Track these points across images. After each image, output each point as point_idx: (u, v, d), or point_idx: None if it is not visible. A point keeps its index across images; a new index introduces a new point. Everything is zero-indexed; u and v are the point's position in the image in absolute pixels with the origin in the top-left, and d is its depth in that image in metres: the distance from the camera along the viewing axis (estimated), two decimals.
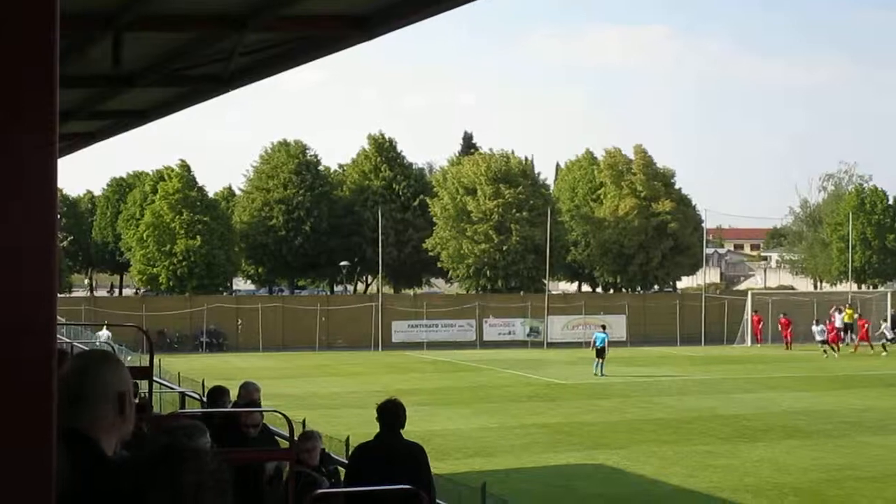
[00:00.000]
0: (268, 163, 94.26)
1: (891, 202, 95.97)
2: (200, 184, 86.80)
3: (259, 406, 14.42)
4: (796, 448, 32.00)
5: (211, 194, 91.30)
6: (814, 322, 70.37)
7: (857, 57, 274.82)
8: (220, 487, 3.08)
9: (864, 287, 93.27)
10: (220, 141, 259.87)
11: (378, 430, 11.98)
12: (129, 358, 45.66)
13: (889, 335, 70.08)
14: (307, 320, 74.48)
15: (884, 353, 67.49)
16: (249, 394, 14.84)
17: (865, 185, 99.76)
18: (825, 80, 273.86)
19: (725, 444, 32.92)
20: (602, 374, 53.54)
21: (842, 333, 71.72)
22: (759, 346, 73.53)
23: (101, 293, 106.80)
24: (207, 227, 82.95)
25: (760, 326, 75.60)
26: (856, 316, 74.11)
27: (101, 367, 4.21)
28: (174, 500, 2.97)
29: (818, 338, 68.13)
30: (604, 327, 58.65)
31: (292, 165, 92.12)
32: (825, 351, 66.21)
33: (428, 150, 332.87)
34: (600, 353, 54.63)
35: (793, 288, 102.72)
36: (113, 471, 3.16)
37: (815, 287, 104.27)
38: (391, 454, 11.64)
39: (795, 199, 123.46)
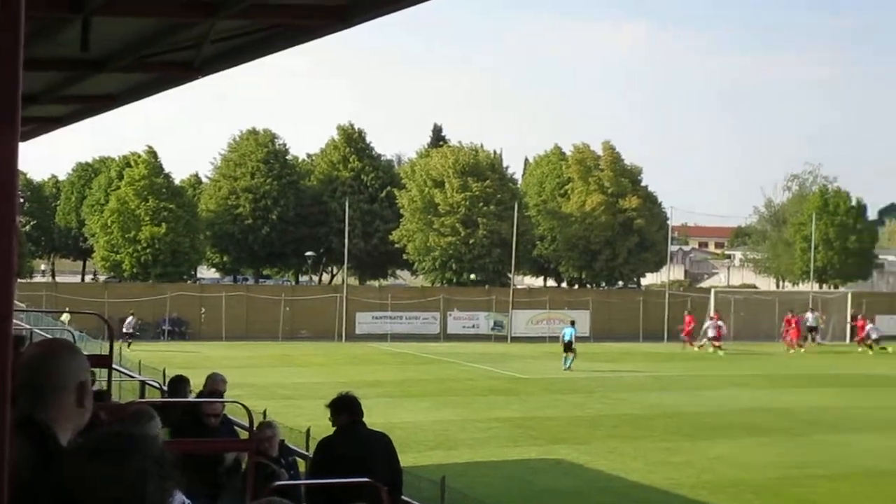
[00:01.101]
0: (236, 151, 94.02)
1: (854, 204, 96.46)
2: (167, 171, 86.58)
3: (222, 397, 14.35)
4: (755, 445, 32.16)
5: (177, 181, 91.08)
6: (708, 317, 71.05)
7: (827, 59, 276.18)
8: (164, 473, 3.07)
9: (825, 287, 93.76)
10: (188, 128, 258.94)
11: (334, 424, 11.84)
12: (88, 345, 45.44)
13: (874, 335, 70.25)
14: (271, 310, 74.25)
15: (870, 352, 68.48)
16: (215, 384, 14.78)
17: (830, 186, 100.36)
18: (793, 81, 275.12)
19: (685, 440, 33.05)
20: (568, 369, 53.74)
21: (809, 334, 72.72)
22: (690, 347, 70.91)
23: (65, 279, 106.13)
24: (173, 214, 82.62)
25: (691, 328, 73.69)
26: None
27: (62, 357, 4.18)
28: (117, 487, 2.95)
29: (710, 333, 69.15)
30: (573, 323, 59.17)
31: (261, 154, 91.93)
32: (700, 347, 68.30)
33: (397, 141, 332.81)
34: (568, 347, 54.89)
35: (755, 286, 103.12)
36: (61, 459, 3.14)
37: (778, 286, 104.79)
38: (365, 444, 11.55)
39: (760, 199, 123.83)
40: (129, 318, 65.50)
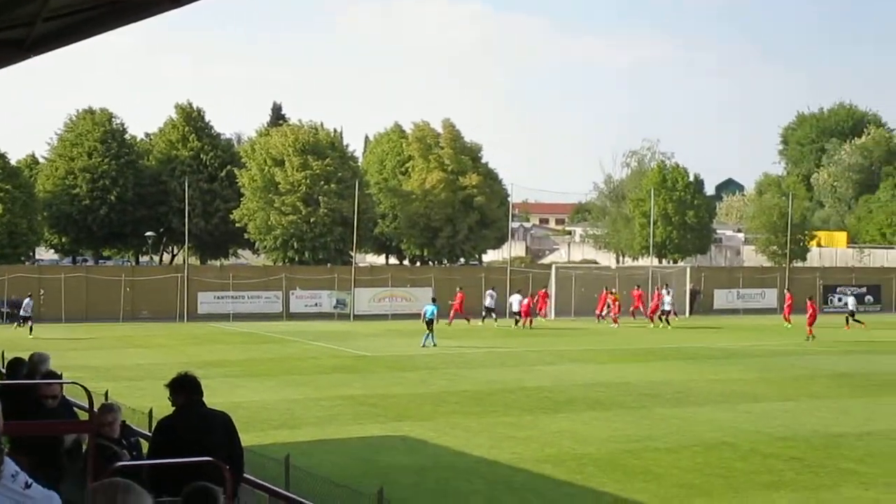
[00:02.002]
0: (72, 130, 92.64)
1: (691, 179, 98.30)
2: (2, 151, 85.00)
3: (55, 377, 14.16)
4: (596, 419, 32.62)
5: (13, 162, 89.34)
6: (513, 294, 72.76)
7: (664, 37, 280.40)
8: None
9: (664, 262, 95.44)
10: (23, 108, 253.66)
11: (173, 404, 11.78)
12: None
13: (667, 307, 71.60)
14: (111, 291, 73.29)
15: (669, 327, 69.57)
16: (43, 362, 14.60)
17: (668, 161, 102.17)
18: (631, 59, 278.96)
19: (528, 415, 33.39)
20: (434, 345, 54.08)
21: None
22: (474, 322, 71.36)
23: None
24: (9, 195, 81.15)
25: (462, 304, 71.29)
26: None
27: None
28: None
29: (514, 308, 71.08)
30: (434, 300, 59.49)
31: (98, 134, 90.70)
32: (515, 322, 70.05)
33: (236, 120, 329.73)
34: (430, 324, 55.22)
35: (596, 262, 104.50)
36: None
37: (618, 261, 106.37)
38: (205, 424, 11.51)
39: (600, 175, 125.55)
40: (27, 300, 64.53)
